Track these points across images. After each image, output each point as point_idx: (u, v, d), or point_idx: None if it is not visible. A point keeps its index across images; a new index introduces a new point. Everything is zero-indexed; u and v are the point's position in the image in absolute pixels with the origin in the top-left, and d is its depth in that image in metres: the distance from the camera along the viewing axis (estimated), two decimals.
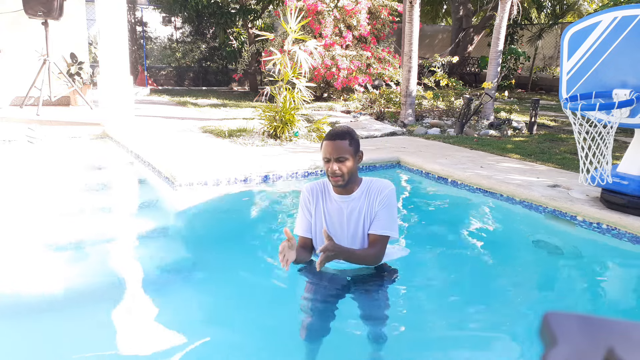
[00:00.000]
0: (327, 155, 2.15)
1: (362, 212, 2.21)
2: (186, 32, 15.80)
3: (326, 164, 2.16)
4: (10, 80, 8.31)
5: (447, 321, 2.49)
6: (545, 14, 17.32)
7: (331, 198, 2.26)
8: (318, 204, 2.27)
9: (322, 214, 2.26)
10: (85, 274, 2.89)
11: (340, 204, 2.23)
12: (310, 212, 2.29)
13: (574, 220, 3.66)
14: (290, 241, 2.01)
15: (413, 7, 7.85)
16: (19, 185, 4.58)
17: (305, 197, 2.30)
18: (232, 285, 2.80)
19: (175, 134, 6.59)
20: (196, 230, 3.74)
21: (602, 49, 3.28)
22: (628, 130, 5.05)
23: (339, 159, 2.13)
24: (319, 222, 2.27)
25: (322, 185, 2.31)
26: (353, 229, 2.23)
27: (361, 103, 9.80)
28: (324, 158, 2.18)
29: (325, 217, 2.25)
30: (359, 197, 2.23)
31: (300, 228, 2.32)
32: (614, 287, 3.12)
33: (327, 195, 2.28)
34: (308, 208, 2.29)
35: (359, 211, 2.22)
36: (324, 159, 2.17)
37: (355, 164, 2.19)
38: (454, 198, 4.53)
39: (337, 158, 2.13)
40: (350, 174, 2.16)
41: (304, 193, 2.31)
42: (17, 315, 2.43)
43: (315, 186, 2.31)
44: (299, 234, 2.32)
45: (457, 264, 3.21)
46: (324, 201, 2.27)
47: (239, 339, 2.33)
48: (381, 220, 2.17)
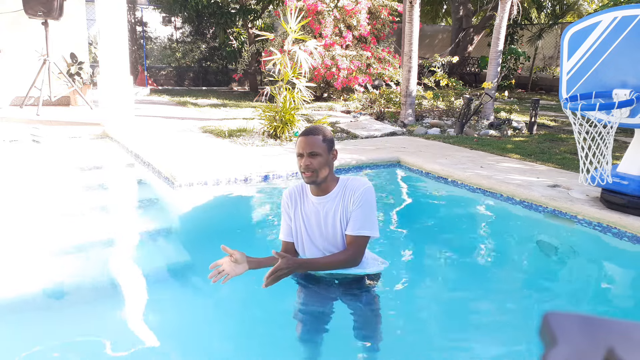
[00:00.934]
0: (300, 150, 2.11)
1: (338, 213, 2.15)
2: (186, 32, 15.80)
3: (299, 159, 2.12)
4: (10, 80, 8.31)
5: (446, 321, 2.49)
6: (545, 14, 17.31)
7: (309, 200, 2.22)
8: (297, 208, 2.24)
9: (300, 217, 2.22)
10: (85, 273, 2.89)
11: (317, 205, 2.19)
12: (290, 216, 2.25)
13: (574, 220, 3.66)
14: (233, 256, 2.00)
15: (413, 7, 7.85)
16: (19, 185, 4.58)
17: (284, 202, 2.28)
18: (232, 285, 2.80)
19: (175, 134, 6.59)
20: (196, 230, 3.74)
21: (602, 49, 3.28)
22: (628, 130, 5.05)
23: (311, 153, 2.09)
24: (298, 225, 2.23)
25: (300, 188, 2.28)
26: (331, 231, 2.17)
27: (361, 103, 9.80)
28: (297, 155, 2.13)
29: (303, 220, 2.21)
30: (334, 198, 2.18)
31: (282, 233, 2.30)
32: (614, 287, 3.12)
33: (304, 197, 2.24)
34: (287, 212, 2.26)
35: (334, 212, 2.16)
36: (298, 155, 2.13)
37: (329, 161, 2.15)
38: (454, 198, 4.53)
39: (309, 153, 2.08)
40: (322, 171, 2.11)
41: (283, 197, 2.29)
42: (17, 315, 2.43)
43: (294, 190, 2.28)
44: (281, 238, 2.30)
45: (457, 264, 3.21)
46: (302, 204, 2.23)
47: (238, 338, 2.33)
48: (357, 221, 2.11)
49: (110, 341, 2.22)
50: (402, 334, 2.32)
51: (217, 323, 2.46)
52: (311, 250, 2.22)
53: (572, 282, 3.14)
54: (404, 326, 2.36)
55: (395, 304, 2.53)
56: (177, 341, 2.26)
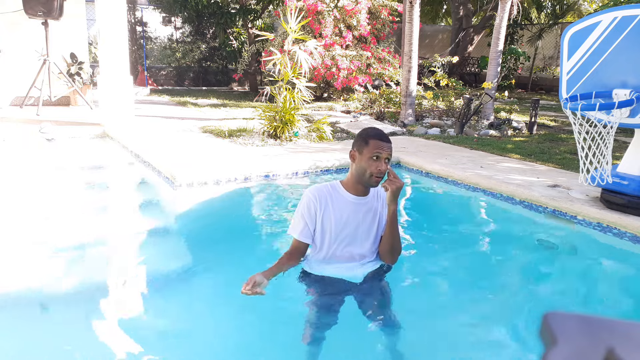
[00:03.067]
0: (381, 152, 2.10)
1: (377, 212, 2.25)
2: (186, 32, 15.80)
3: (375, 162, 2.10)
4: (10, 80, 8.30)
5: (446, 321, 2.49)
6: (545, 14, 17.32)
7: (344, 199, 2.23)
8: (327, 208, 2.22)
9: (331, 216, 2.22)
10: (85, 273, 2.89)
11: (356, 204, 2.23)
12: (314, 218, 2.22)
13: (574, 220, 3.66)
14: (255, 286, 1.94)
15: (413, 7, 7.85)
16: (19, 185, 4.58)
17: (310, 202, 2.22)
18: (232, 285, 2.80)
19: (175, 134, 6.59)
20: (196, 230, 3.74)
21: (602, 49, 3.28)
22: (628, 130, 5.05)
23: (387, 158, 2.14)
24: (327, 224, 2.23)
25: (329, 188, 2.27)
26: (367, 229, 2.25)
27: (361, 103, 9.80)
28: (373, 156, 2.10)
29: (335, 220, 2.22)
30: (372, 198, 2.26)
31: (297, 231, 2.23)
32: (614, 287, 3.12)
33: (336, 197, 2.24)
34: (311, 214, 2.21)
35: (374, 211, 2.25)
36: (373, 157, 2.10)
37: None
38: (454, 198, 4.53)
39: (387, 158, 2.13)
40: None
41: (309, 197, 2.23)
42: (16, 314, 2.43)
43: (322, 189, 2.26)
44: (296, 237, 2.24)
45: (457, 264, 3.21)
46: (333, 203, 2.23)
47: (239, 338, 2.33)
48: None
49: (109, 341, 2.22)
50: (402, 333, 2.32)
51: (217, 323, 2.46)
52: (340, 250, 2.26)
53: (572, 282, 3.14)
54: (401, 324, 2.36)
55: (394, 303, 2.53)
56: (177, 341, 2.26)
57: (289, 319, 2.38)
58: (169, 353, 2.18)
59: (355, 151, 2.20)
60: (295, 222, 2.26)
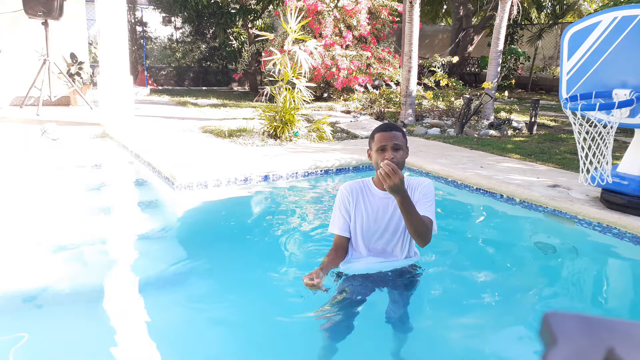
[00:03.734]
0: (384, 143, 2.11)
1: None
2: (186, 32, 15.80)
3: (381, 153, 2.12)
4: (10, 80, 8.31)
5: (445, 321, 2.49)
6: (545, 14, 17.32)
7: (373, 195, 2.26)
8: (358, 203, 2.27)
9: (362, 212, 2.26)
10: (85, 274, 2.89)
11: (386, 199, 2.24)
12: (349, 212, 2.27)
13: (574, 220, 3.66)
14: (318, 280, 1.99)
15: (413, 7, 7.85)
16: (19, 185, 4.58)
17: (344, 197, 2.28)
18: (232, 285, 2.80)
19: (175, 134, 6.59)
20: (196, 231, 3.74)
21: (602, 49, 3.28)
22: (628, 130, 5.05)
23: (395, 145, 2.12)
24: (358, 220, 2.27)
25: (361, 184, 2.31)
26: (396, 224, 2.24)
27: (361, 103, 9.80)
28: (378, 148, 2.12)
29: (367, 215, 2.25)
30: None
31: (336, 227, 2.30)
32: (614, 287, 3.12)
33: (368, 192, 2.28)
34: (347, 208, 2.28)
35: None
36: (378, 149, 2.12)
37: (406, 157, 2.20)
38: (453, 198, 4.53)
39: (393, 145, 2.11)
40: (403, 165, 2.16)
41: (343, 192, 2.29)
42: (16, 314, 2.43)
43: (355, 185, 2.31)
44: (336, 232, 2.30)
45: (457, 264, 3.21)
46: (364, 199, 2.27)
47: (239, 339, 2.33)
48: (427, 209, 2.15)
49: (108, 342, 2.21)
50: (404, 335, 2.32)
51: (217, 323, 2.46)
52: (372, 245, 2.27)
53: (572, 282, 3.14)
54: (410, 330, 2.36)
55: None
56: (177, 342, 2.26)
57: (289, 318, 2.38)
58: (169, 353, 2.18)
59: (369, 149, 2.26)
60: (334, 219, 2.32)
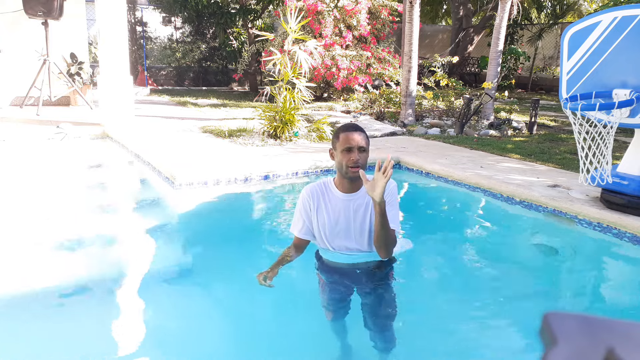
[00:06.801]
0: (351, 144, 2.14)
1: (369, 208, 2.24)
2: (186, 32, 15.79)
3: (347, 154, 2.15)
4: (10, 80, 8.31)
5: (445, 321, 2.49)
6: (545, 14, 17.31)
7: (334, 197, 2.28)
8: (320, 206, 2.29)
9: (324, 213, 2.28)
10: (85, 273, 2.89)
11: (346, 202, 2.26)
12: (310, 215, 2.30)
13: (574, 220, 3.66)
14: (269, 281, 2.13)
15: (413, 7, 7.85)
16: (19, 185, 4.58)
17: (304, 200, 2.31)
18: (233, 285, 2.80)
19: (175, 134, 6.59)
20: (196, 230, 3.74)
21: (602, 49, 3.28)
22: (628, 130, 5.05)
23: (360, 148, 2.15)
24: (320, 221, 2.29)
25: (322, 186, 2.33)
26: (359, 226, 2.26)
27: (361, 103, 9.80)
28: (344, 149, 2.15)
29: (329, 217, 2.27)
30: (363, 194, 2.25)
31: (296, 229, 2.35)
32: (614, 287, 3.12)
33: (329, 194, 2.29)
34: (307, 211, 2.30)
35: (365, 207, 2.25)
36: (345, 149, 2.15)
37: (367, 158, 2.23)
38: (454, 198, 4.53)
39: (359, 147, 2.15)
40: (365, 167, 2.19)
41: (304, 195, 2.32)
42: (14, 314, 2.43)
43: (315, 187, 2.33)
44: (296, 234, 2.35)
45: (457, 264, 3.21)
46: (325, 201, 2.28)
47: (238, 338, 2.33)
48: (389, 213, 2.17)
49: (109, 341, 2.22)
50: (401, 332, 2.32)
51: (217, 323, 2.46)
52: (336, 244, 2.30)
53: (572, 282, 3.14)
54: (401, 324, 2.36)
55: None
56: (177, 341, 2.26)
57: (289, 318, 2.38)
58: (168, 352, 2.18)
59: (331, 149, 2.28)
60: (295, 220, 2.37)
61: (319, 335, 2.28)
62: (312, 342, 2.28)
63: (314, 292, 2.35)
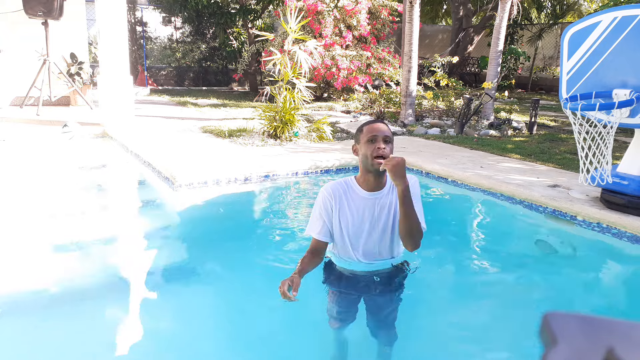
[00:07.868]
0: (375, 133, 2.03)
1: (393, 207, 2.14)
2: (186, 32, 15.80)
3: (371, 144, 2.03)
4: (10, 80, 8.31)
5: (445, 321, 2.49)
6: (545, 14, 17.32)
7: (358, 196, 2.15)
8: (342, 204, 2.15)
9: (347, 213, 2.15)
10: (85, 273, 2.89)
11: (371, 200, 2.14)
12: (330, 216, 2.16)
13: (574, 220, 3.66)
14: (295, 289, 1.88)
15: (413, 7, 7.85)
16: (19, 185, 4.58)
17: (325, 199, 2.16)
18: (232, 285, 2.80)
19: (175, 134, 6.59)
20: (196, 230, 3.74)
21: (602, 49, 3.28)
22: (628, 130, 5.05)
23: (386, 138, 2.04)
24: (343, 221, 2.16)
25: (344, 185, 2.19)
26: (383, 225, 2.15)
27: (361, 103, 9.80)
28: (369, 139, 2.04)
29: (352, 216, 2.15)
30: (387, 193, 2.15)
31: (315, 230, 2.17)
32: (614, 287, 3.12)
33: (351, 193, 2.17)
34: (328, 211, 2.15)
35: (389, 206, 2.14)
36: (369, 140, 2.04)
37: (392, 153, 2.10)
38: (453, 198, 4.53)
39: (384, 137, 2.04)
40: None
41: (324, 194, 2.17)
42: (15, 314, 2.43)
43: (337, 186, 2.19)
44: (315, 236, 2.16)
45: (457, 264, 3.22)
46: (348, 200, 2.15)
47: (238, 338, 2.33)
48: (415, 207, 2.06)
49: (109, 341, 2.22)
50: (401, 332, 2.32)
51: (217, 323, 2.46)
52: (358, 246, 2.17)
53: (572, 282, 3.14)
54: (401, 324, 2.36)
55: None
56: (177, 342, 2.26)
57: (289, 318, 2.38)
58: (168, 352, 2.18)
59: (354, 145, 2.17)
60: (312, 221, 2.19)
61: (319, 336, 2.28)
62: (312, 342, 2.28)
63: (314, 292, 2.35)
